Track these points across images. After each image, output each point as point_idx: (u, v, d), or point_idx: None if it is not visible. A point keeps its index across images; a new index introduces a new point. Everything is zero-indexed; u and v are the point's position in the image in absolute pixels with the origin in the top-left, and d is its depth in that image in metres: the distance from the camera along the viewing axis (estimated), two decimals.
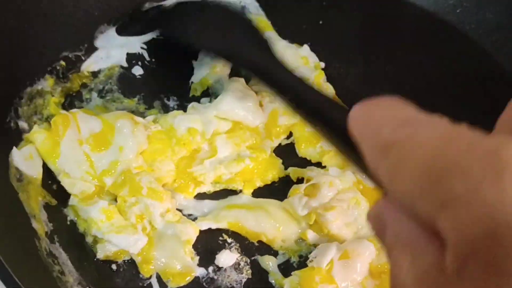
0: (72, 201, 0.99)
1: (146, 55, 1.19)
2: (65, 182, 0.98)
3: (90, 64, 1.16)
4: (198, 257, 0.98)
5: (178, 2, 1.16)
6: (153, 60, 1.19)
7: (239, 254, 0.99)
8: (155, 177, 0.99)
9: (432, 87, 1.17)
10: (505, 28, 1.19)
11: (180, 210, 1.02)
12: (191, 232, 0.98)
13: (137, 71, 1.18)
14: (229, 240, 1.00)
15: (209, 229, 1.00)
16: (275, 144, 1.09)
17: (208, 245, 1.00)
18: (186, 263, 0.97)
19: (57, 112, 1.05)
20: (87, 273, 0.95)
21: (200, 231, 0.99)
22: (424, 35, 1.23)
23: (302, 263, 0.98)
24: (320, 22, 1.25)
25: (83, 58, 1.16)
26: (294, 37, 1.23)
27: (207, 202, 1.04)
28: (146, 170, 1.00)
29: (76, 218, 1.00)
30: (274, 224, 1.00)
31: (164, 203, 0.98)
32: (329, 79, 1.17)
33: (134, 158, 0.99)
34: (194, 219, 1.01)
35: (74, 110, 1.04)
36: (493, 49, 1.20)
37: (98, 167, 0.98)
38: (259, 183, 1.05)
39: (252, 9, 1.26)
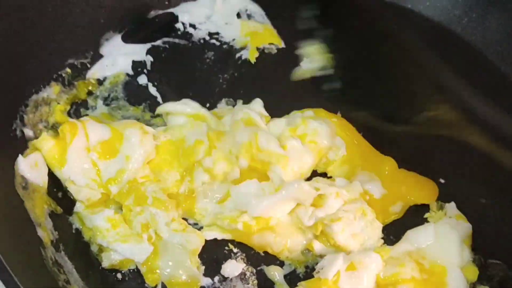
0: (78, 208, 0.99)
1: (151, 63, 1.20)
2: (72, 189, 0.98)
3: (95, 72, 1.17)
4: (203, 267, 0.98)
5: None
6: (159, 68, 1.19)
7: (245, 264, 0.99)
8: (160, 187, 0.99)
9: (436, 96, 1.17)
10: (510, 38, 1.19)
11: (185, 219, 1.01)
12: (197, 241, 0.97)
13: (143, 79, 1.17)
14: (235, 250, 1.00)
15: (215, 239, 1.00)
16: None
17: (213, 254, 0.99)
18: (191, 272, 0.96)
19: (63, 120, 1.05)
20: (92, 282, 0.94)
21: (206, 241, 0.99)
22: (429, 45, 1.22)
23: (309, 274, 0.98)
24: (325, 31, 1.25)
25: (88, 65, 1.17)
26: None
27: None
28: (152, 180, 0.99)
29: (81, 227, 0.99)
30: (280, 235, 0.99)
31: (170, 213, 0.98)
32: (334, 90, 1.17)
33: (140, 167, 0.99)
34: (200, 228, 1.01)
35: (84, 118, 1.04)
36: (498, 59, 1.20)
37: (104, 175, 0.98)
38: None
39: (257, 17, 1.27)
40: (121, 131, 1.00)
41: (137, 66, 1.19)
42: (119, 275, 0.97)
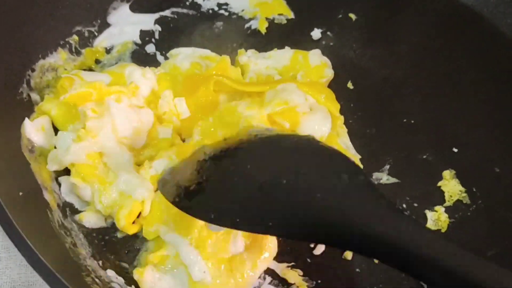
0: None
1: (159, 32, 1.18)
2: None
3: (103, 40, 1.15)
4: None
5: None
6: (167, 37, 1.18)
7: None
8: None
9: (449, 71, 1.15)
10: None
11: None
12: None
13: (151, 48, 1.16)
14: None
15: None
16: None
17: None
18: None
19: None
20: (99, 249, 0.93)
21: None
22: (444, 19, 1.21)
23: None
24: (336, 5, 1.23)
25: (96, 33, 1.15)
26: (309, 19, 1.21)
27: None
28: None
29: None
30: None
31: None
32: (345, 60, 1.16)
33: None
34: None
35: (75, 71, 1.05)
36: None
37: None
38: None
39: None
40: (120, 71, 1.01)
41: (145, 35, 1.18)
42: None
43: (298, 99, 0.96)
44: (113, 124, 0.92)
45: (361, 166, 1.01)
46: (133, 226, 0.92)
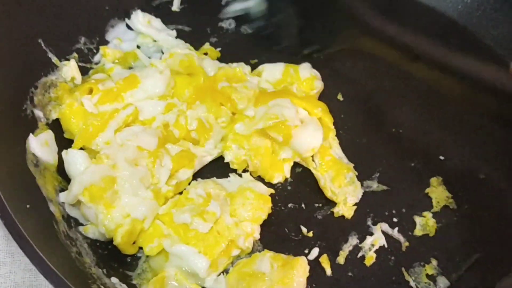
0: None
1: None
2: None
3: (101, 57, 1.19)
4: None
5: None
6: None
7: None
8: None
9: (436, 82, 1.20)
10: None
11: None
12: None
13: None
14: None
15: None
16: None
17: None
18: None
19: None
20: (103, 257, 0.96)
21: None
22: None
23: None
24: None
25: (95, 50, 1.19)
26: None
27: None
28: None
29: None
30: None
31: None
32: (335, 72, 1.21)
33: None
34: None
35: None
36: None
37: None
38: None
39: None
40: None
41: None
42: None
43: (288, 113, 1.02)
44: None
45: (356, 173, 1.06)
46: (132, 246, 0.96)
